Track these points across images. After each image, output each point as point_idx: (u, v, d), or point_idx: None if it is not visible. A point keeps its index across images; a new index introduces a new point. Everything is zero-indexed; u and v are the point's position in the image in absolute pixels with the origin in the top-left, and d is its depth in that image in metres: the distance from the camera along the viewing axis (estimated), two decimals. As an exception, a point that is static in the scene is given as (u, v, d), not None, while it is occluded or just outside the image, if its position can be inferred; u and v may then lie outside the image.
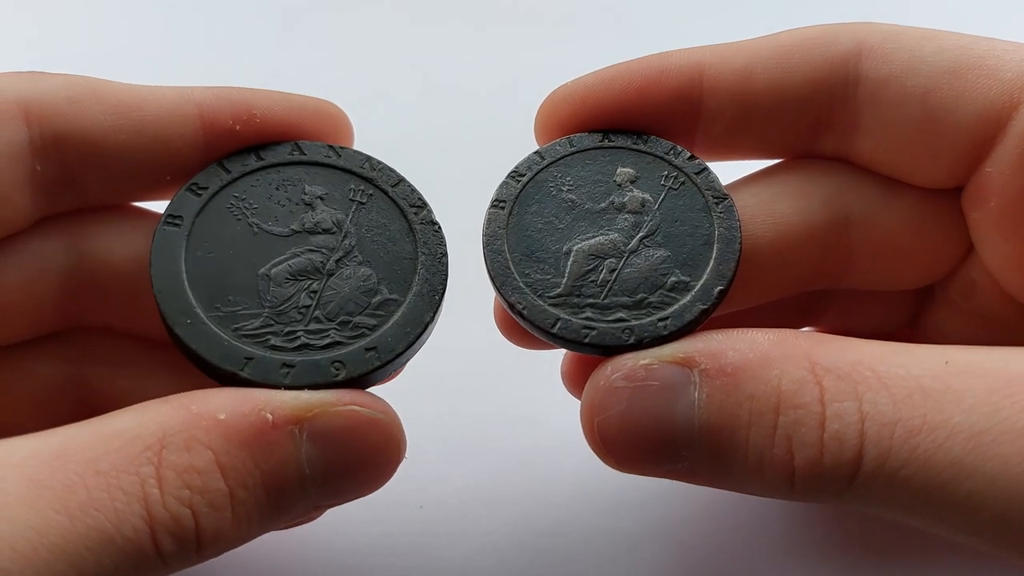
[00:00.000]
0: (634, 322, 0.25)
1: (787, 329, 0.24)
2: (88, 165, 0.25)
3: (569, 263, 0.26)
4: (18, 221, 0.25)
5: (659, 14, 0.52)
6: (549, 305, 0.26)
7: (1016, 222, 0.26)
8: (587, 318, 0.25)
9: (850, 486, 0.22)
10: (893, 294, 0.31)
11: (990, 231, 0.27)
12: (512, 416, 0.35)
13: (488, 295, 0.27)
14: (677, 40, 0.28)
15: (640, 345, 0.25)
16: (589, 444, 0.25)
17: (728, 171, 0.29)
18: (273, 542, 0.31)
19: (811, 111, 0.27)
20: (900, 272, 0.29)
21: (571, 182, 0.28)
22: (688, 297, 0.26)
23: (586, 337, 0.25)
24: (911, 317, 0.32)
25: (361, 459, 0.23)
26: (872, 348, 0.23)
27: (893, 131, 0.27)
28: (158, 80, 0.27)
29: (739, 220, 0.27)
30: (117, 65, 0.30)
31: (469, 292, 0.28)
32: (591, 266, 0.26)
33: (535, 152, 0.28)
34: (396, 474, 0.25)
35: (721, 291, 0.26)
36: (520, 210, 0.27)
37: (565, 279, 0.26)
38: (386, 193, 0.27)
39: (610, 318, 0.25)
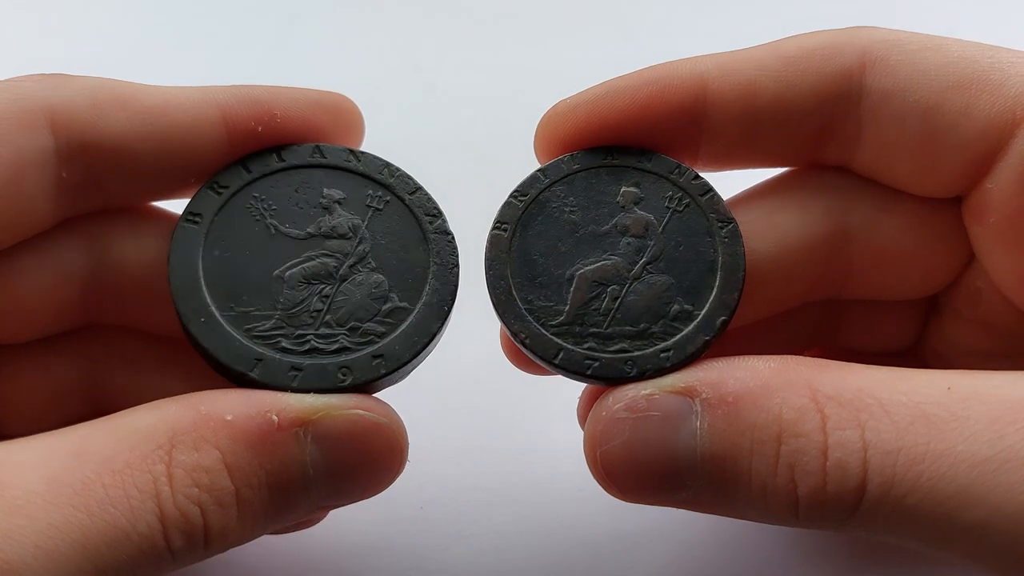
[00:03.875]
0: (636, 353, 0.25)
1: (788, 356, 0.24)
2: (113, 171, 0.25)
3: (572, 290, 0.26)
4: (42, 224, 0.25)
5: (663, 13, 0.51)
6: (552, 334, 0.25)
7: (1017, 237, 0.26)
8: (590, 348, 0.25)
9: (854, 514, 0.21)
10: (900, 307, 0.31)
11: (991, 244, 0.27)
12: (512, 417, 0.35)
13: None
14: (680, 38, 0.27)
15: (642, 377, 0.24)
16: (593, 475, 0.24)
17: (729, 177, 0.29)
18: (274, 542, 0.31)
19: (814, 123, 0.27)
20: (902, 280, 0.29)
21: (574, 202, 0.27)
22: (691, 327, 0.25)
23: (588, 369, 0.25)
24: (919, 331, 0.31)
25: (364, 462, 0.24)
26: (874, 374, 0.22)
27: (895, 144, 0.26)
28: (160, 78, 0.27)
29: (743, 246, 0.26)
30: (118, 63, 0.30)
31: (472, 294, 0.27)
32: (594, 293, 0.26)
33: (538, 170, 0.27)
34: (395, 475, 0.25)
35: (724, 321, 0.25)
36: (522, 232, 0.26)
37: (568, 307, 0.26)
38: (403, 200, 0.27)
39: (613, 348, 0.25)
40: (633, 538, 0.32)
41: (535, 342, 0.25)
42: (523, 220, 0.27)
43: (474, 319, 0.30)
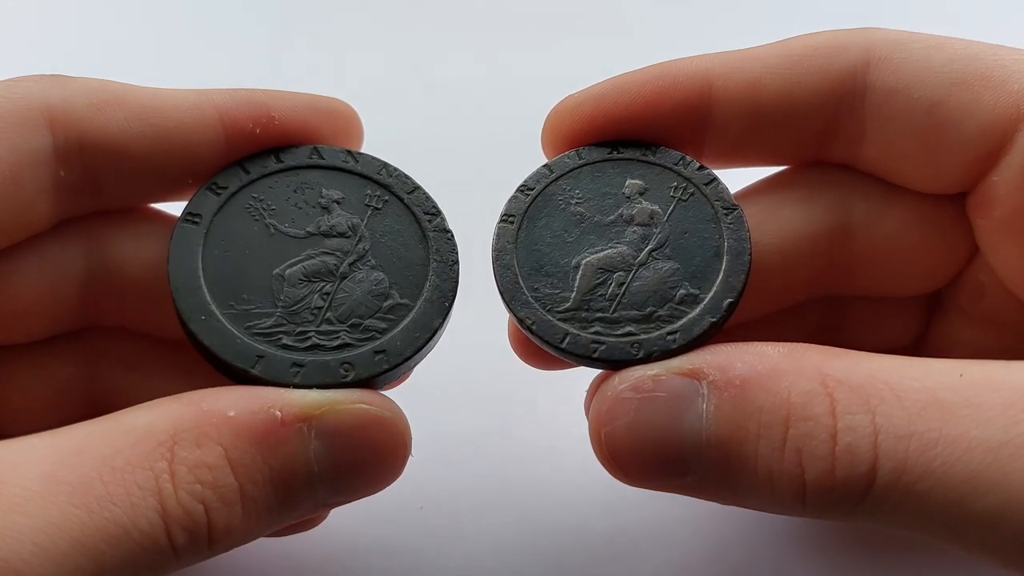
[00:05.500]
0: (643, 336, 0.25)
1: (798, 343, 0.23)
2: (110, 170, 0.25)
3: (578, 277, 0.26)
4: (40, 224, 0.25)
5: (666, 13, 0.51)
6: (558, 320, 0.25)
7: (1022, 231, 0.25)
8: (596, 332, 0.25)
9: (863, 501, 0.21)
10: (904, 303, 0.30)
11: (996, 237, 0.26)
12: (513, 417, 0.35)
13: (492, 298, 0.26)
14: (684, 39, 0.27)
15: (649, 359, 0.24)
16: (597, 457, 0.24)
17: (734, 176, 0.29)
18: (273, 542, 0.30)
19: (819, 121, 0.27)
20: (905, 276, 0.29)
21: (580, 195, 0.27)
22: (697, 310, 0.25)
23: (595, 352, 0.25)
24: (922, 328, 0.31)
25: (368, 457, 0.23)
26: (885, 361, 0.22)
27: (899, 141, 0.26)
28: (158, 81, 0.26)
29: (748, 231, 0.26)
30: (117, 67, 0.30)
31: (473, 294, 0.27)
32: (600, 280, 0.26)
33: (544, 165, 0.27)
34: (395, 475, 0.24)
35: (731, 303, 0.25)
36: (529, 224, 0.26)
37: (574, 293, 0.25)
38: (401, 200, 0.27)
39: (619, 332, 0.25)
40: (633, 538, 0.32)
41: (541, 327, 0.25)
42: (529, 213, 0.27)
43: (475, 320, 0.29)
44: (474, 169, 0.41)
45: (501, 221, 0.27)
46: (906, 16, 0.46)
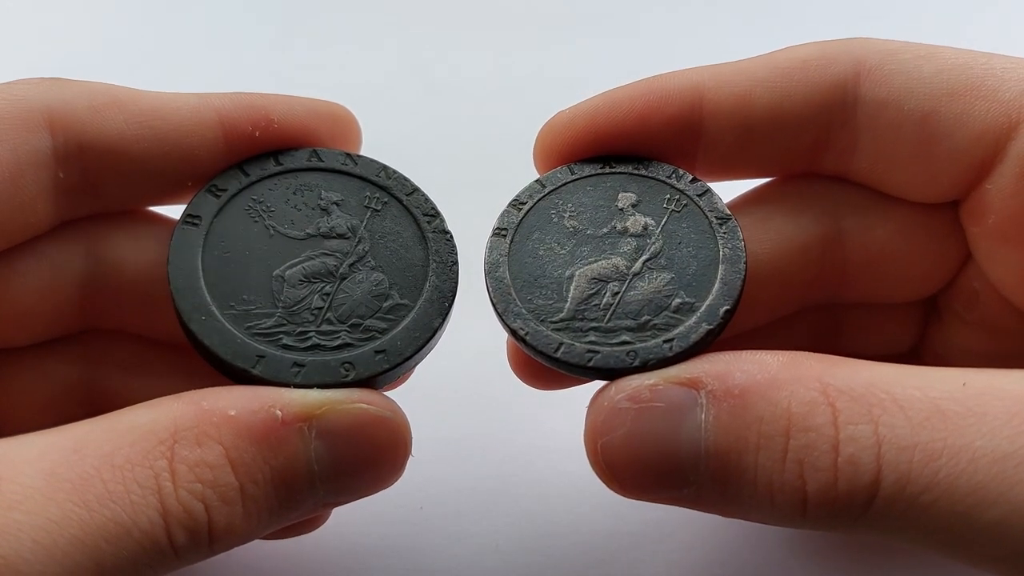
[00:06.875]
0: (639, 344, 0.24)
1: (797, 351, 0.22)
2: (110, 172, 0.25)
3: (572, 287, 0.25)
4: (40, 226, 0.25)
5: (662, 15, 0.51)
6: (552, 330, 0.25)
7: (1016, 237, 0.25)
8: (591, 342, 0.24)
9: (866, 513, 0.20)
10: (900, 310, 0.30)
11: (990, 244, 0.26)
12: (512, 417, 0.34)
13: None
14: (680, 40, 0.27)
15: (645, 367, 0.23)
16: (593, 469, 0.23)
17: (727, 188, 0.28)
18: (273, 542, 0.30)
19: (810, 133, 0.26)
20: (898, 282, 0.28)
21: (572, 209, 0.27)
22: (694, 318, 0.24)
23: (590, 360, 0.24)
24: (918, 335, 0.31)
25: (369, 456, 0.23)
26: (886, 370, 0.21)
27: (891, 153, 0.26)
28: (158, 81, 0.26)
29: (743, 240, 0.26)
30: (117, 71, 0.30)
31: (474, 295, 0.27)
32: (594, 290, 0.25)
33: (536, 180, 0.27)
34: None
35: (727, 311, 0.24)
36: (521, 237, 0.26)
37: (568, 303, 0.25)
38: (400, 201, 0.27)
39: (614, 341, 0.24)
40: (633, 538, 0.31)
41: (535, 338, 0.25)
42: (522, 227, 0.26)
43: (474, 321, 0.29)
44: (473, 171, 0.40)
45: (493, 235, 0.26)
46: (898, 27, 0.46)
